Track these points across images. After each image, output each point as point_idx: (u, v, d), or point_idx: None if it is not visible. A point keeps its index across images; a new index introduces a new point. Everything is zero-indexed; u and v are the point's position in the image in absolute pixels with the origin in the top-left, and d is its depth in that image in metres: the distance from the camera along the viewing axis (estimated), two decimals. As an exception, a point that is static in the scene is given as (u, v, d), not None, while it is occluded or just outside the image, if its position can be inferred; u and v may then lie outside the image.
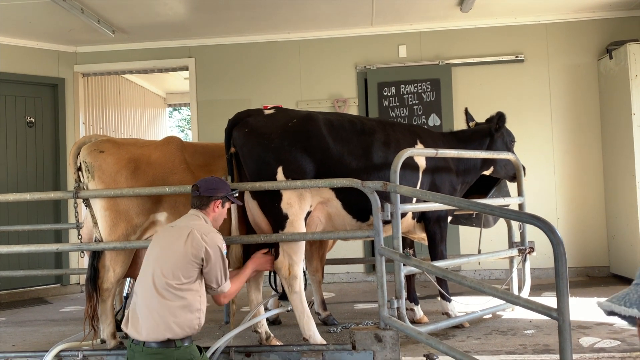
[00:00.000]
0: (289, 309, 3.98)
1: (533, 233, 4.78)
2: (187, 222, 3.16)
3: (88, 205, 3.97)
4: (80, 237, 4.20)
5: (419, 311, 4.53)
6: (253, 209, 3.94)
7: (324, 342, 3.80)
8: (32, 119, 7.07)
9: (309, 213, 3.91)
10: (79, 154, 3.94)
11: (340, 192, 3.89)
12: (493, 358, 3.52)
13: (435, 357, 3.44)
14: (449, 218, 4.48)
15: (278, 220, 3.83)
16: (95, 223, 3.93)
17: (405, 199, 3.92)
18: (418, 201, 4.10)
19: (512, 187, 5.12)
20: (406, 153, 3.77)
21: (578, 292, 5.60)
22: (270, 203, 3.84)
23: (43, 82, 7.20)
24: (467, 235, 6.49)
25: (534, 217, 2.84)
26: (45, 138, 7.18)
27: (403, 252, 3.52)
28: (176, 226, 3.18)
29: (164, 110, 11.03)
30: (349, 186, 3.72)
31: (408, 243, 4.65)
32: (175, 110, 20.16)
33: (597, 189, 6.77)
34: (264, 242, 3.88)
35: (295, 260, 3.83)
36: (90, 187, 3.91)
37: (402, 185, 3.68)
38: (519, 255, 4.68)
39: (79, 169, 3.94)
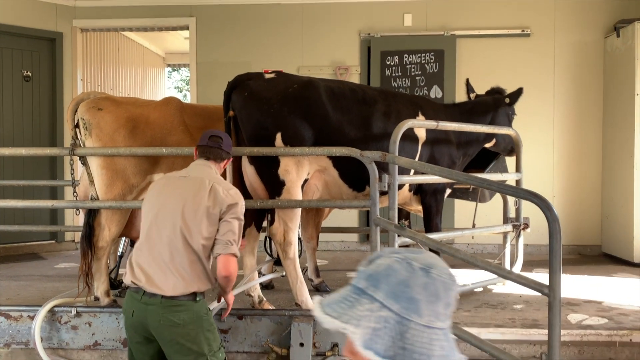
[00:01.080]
0: (283, 274, 4.01)
1: (528, 210, 4.81)
2: (201, 173, 2.95)
3: (85, 162, 3.94)
4: (75, 194, 4.19)
5: (410, 282, 4.57)
6: (250, 174, 3.92)
7: (316, 308, 3.84)
8: (29, 73, 6.96)
9: (306, 180, 3.90)
10: (76, 111, 3.89)
11: (338, 161, 3.87)
12: (482, 330, 3.57)
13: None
14: (447, 191, 4.47)
15: (275, 186, 3.82)
16: (91, 181, 3.91)
17: (403, 171, 3.90)
18: (416, 173, 4.09)
19: (509, 162, 5.11)
20: (406, 124, 3.74)
21: (569, 269, 5.65)
22: (268, 169, 3.82)
23: (40, 36, 7.05)
24: (462, 209, 6.51)
25: (531, 193, 2.84)
26: (42, 93, 7.09)
27: (398, 223, 3.53)
28: (190, 177, 2.93)
29: (163, 70, 10.89)
30: (348, 155, 3.71)
31: (404, 214, 4.66)
32: (174, 70, 19.92)
33: (595, 169, 6.78)
34: (260, 208, 3.88)
35: (290, 227, 3.84)
36: (87, 144, 3.88)
37: (401, 156, 3.65)
38: (513, 231, 4.71)
39: (77, 125, 3.90)
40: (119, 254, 4.62)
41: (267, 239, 4.19)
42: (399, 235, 3.69)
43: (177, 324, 2.73)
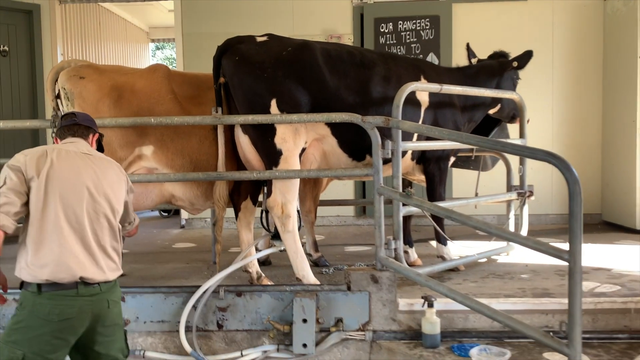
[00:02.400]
0: (282, 249, 3.83)
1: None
2: (90, 150, 2.60)
3: (67, 136, 3.69)
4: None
5: (413, 254, 4.42)
6: (244, 144, 3.71)
7: (318, 283, 3.67)
8: (6, 48, 6.62)
9: (303, 150, 3.69)
10: (57, 80, 3.63)
11: (336, 129, 3.66)
12: (491, 301, 3.41)
13: (433, 299, 3.34)
14: (452, 159, 4.29)
15: (271, 156, 3.61)
16: (75, 155, 3.67)
17: (406, 138, 3.70)
18: (419, 140, 3.91)
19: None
20: (409, 87, 3.54)
21: (571, 238, 5.53)
22: (263, 138, 3.61)
23: (16, 8, 6.69)
24: (460, 178, 6.35)
25: (549, 154, 2.67)
26: (20, 69, 6.75)
27: (403, 192, 3.35)
28: (94, 156, 2.57)
29: (146, 46, 10.53)
30: (348, 121, 3.50)
31: (407, 184, 4.48)
32: (158, 49, 19.47)
33: (595, 136, 6.63)
34: (256, 180, 3.67)
35: (288, 199, 3.64)
36: (69, 116, 3.63)
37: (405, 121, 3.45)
38: (517, 199, 4.55)
39: (57, 96, 3.65)
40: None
41: (264, 213, 3.99)
42: (404, 205, 3.52)
43: (118, 302, 2.57)
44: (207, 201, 3.93)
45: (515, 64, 4.31)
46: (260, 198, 4.04)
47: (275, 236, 3.87)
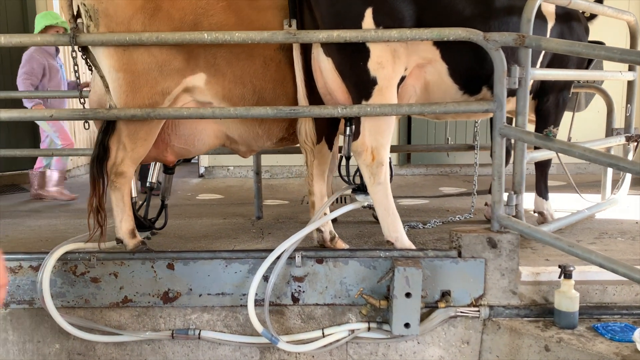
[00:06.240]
0: (365, 205, 3.08)
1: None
2: None
3: (92, 62, 2.83)
4: (83, 101, 3.08)
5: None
6: (326, 70, 2.88)
7: (413, 247, 2.96)
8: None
9: (402, 79, 2.88)
10: (74, -5, 2.72)
11: (447, 51, 2.84)
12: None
13: (571, 268, 2.66)
14: None
15: (362, 86, 2.81)
16: (107, 87, 2.82)
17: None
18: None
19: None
20: (541, -3, 2.74)
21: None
22: (352, 62, 2.79)
23: None
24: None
25: None
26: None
27: (543, 132, 2.59)
28: None
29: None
30: (465, 39, 2.68)
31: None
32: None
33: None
34: (341, 116, 2.87)
35: (381, 143, 2.88)
36: (95, 37, 2.74)
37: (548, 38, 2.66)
38: (627, 144, 3.84)
39: (76, 15, 2.75)
40: (147, 184, 3.55)
41: (344, 160, 3.19)
42: (536, 148, 2.79)
43: None
44: (267, 141, 3.13)
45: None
46: (341, 142, 3.24)
47: (356, 189, 3.12)
